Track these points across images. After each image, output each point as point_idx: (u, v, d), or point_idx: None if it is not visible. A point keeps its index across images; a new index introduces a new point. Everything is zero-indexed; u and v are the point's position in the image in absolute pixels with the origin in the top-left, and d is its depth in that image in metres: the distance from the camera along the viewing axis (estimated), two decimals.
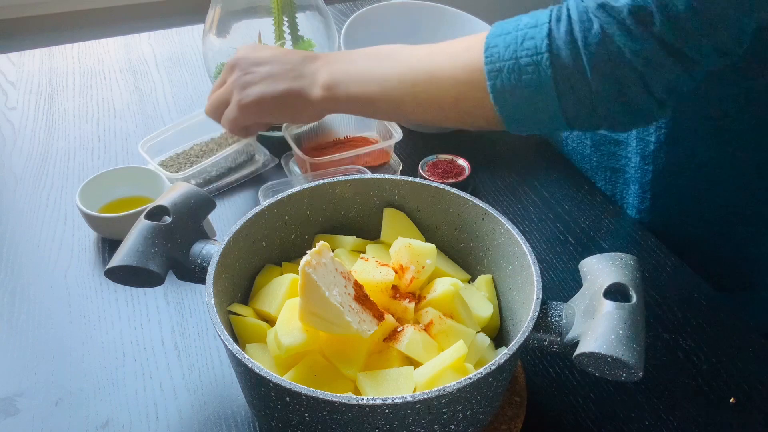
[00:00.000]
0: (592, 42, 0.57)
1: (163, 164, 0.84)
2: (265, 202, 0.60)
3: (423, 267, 0.56)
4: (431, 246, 0.58)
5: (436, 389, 0.44)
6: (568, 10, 0.59)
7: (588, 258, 0.53)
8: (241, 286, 0.59)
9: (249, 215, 0.58)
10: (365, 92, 0.71)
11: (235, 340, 0.55)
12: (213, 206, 0.62)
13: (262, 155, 0.89)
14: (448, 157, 0.85)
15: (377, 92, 0.70)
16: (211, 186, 0.84)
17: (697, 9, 0.55)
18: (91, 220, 0.74)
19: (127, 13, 1.74)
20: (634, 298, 0.49)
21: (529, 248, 0.55)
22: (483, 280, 0.61)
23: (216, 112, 0.80)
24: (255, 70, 0.75)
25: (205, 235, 0.59)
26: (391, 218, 0.64)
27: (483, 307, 0.58)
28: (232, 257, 0.56)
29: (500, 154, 0.93)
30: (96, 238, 0.77)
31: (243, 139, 0.85)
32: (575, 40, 0.58)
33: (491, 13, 1.14)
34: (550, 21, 0.60)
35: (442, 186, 0.62)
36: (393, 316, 0.54)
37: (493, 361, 0.46)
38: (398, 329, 0.54)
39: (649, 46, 0.57)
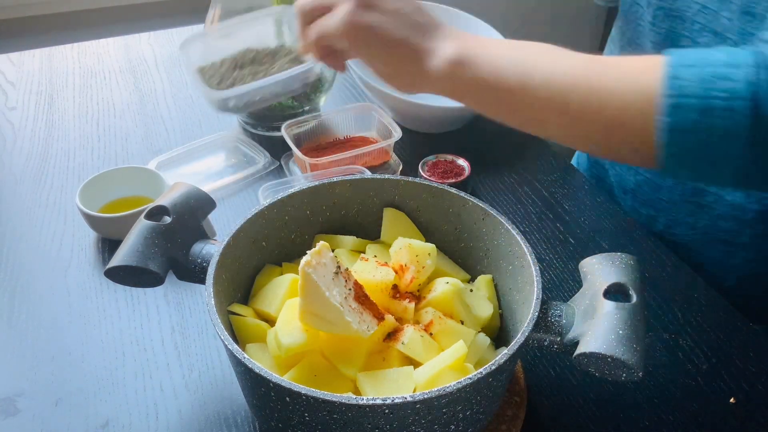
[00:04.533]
0: None
1: (202, 71, 0.73)
2: (265, 202, 0.60)
3: (423, 267, 0.56)
4: (431, 246, 0.58)
5: (436, 389, 0.44)
6: None
7: (588, 258, 0.53)
8: (241, 286, 0.59)
9: (249, 215, 0.58)
10: (499, 82, 0.58)
11: (235, 340, 0.55)
12: (213, 206, 0.62)
13: (263, 158, 0.89)
14: (448, 157, 0.85)
15: (514, 86, 0.58)
16: (256, 107, 0.72)
17: None
18: (91, 220, 0.74)
19: (127, 13, 1.74)
20: (634, 298, 0.49)
21: (529, 248, 0.55)
22: (483, 280, 0.61)
23: (309, 13, 0.63)
24: None
25: (205, 235, 0.59)
26: (391, 218, 0.64)
27: (483, 307, 0.58)
28: (232, 257, 0.56)
29: (500, 154, 0.93)
30: (96, 238, 0.77)
31: (307, 63, 0.70)
32: None
33: (492, 13, 1.14)
34: (755, 65, 0.51)
35: (442, 186, 0.62)
36: (393, 316, 0.54)
37: (493, 361, 0.46)
38: (398, 329, 0.54)
39: None
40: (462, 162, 0.84)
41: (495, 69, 0.59)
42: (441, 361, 0.50)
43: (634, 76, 0.56)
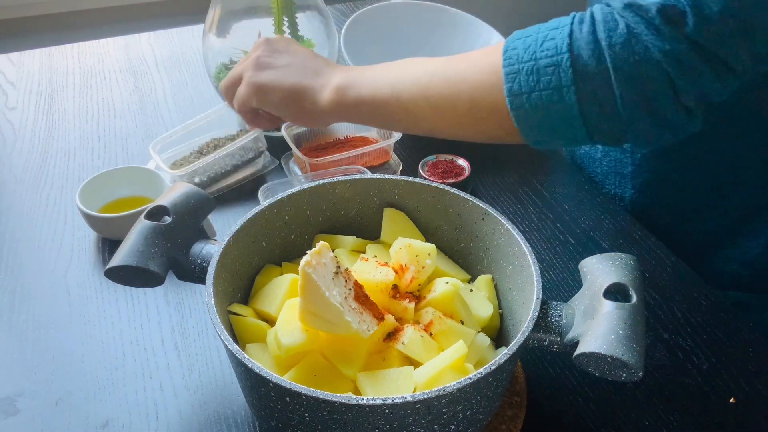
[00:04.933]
0: (617, 42, 0.54)
1: (174, 164, 0.84)
2: (265, 202, 0.60)
3: (423, 267, 0.56)
4: (431, 246, 0.58)
5: (436, 389, 0.44)
6: (591, 13, 0.57)
7: (588, 258, 0.53)
8: (241, 286, 0.59)
9: (249, 215, 0.58)
10: (376, 95, 0.68)
11: (235, 340, 0.55)
12: (213, 206, 0.62)
13: (263, 157, 0.89)
14: (448, 157, 0.85)
15: (388, 95, 0.67)
16: (216, 186, 0.83)
17: (734, 11, 0.52)
18: (91, 220, 0.74)
19: (127, 13, 1.74)
20: (634, 298, 0.49)
21: (529, 248, 0.55)
22: (483, 280, 0.61)
23: (230, 88, 0.78)
24: (277, 56, 0.75)
25: (205, 235, 0.59)
26: (391, 218, 0.64)
27: (483, 307, 0.58)
28: (232, 257, 0.56)
29: (500, 154, 0.93)
30: (96, 238, 0.77)
31: (251, 132, 0.83)
32: (598, 40, 0.55)
33: (492, 14, 1.14)
34: (572, 23, 0.57)
35: (442, 186, 0.62)
36: (393, 316, 0.54)
37: (493, 361, 0.46)
38: (398, 329, 0.53)
39: (679, 48, 0.53)
40: (462, 162, 0.84)
41: (371, 86, 0.69)
42: (441, 361, 0.50)
43: (481, 59, 0.63)
